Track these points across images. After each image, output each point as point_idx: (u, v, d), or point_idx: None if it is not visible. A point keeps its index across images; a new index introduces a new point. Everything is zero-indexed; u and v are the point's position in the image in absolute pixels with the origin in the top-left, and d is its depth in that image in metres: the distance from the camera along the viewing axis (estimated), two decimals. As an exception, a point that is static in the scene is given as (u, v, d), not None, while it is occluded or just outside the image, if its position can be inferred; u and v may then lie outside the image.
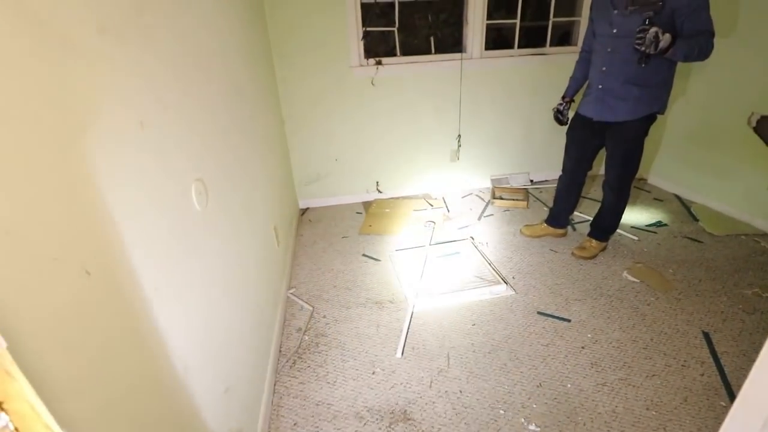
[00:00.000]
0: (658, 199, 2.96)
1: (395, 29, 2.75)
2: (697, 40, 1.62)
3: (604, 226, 2.24)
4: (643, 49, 1.62)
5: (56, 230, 0.52)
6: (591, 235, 2.29)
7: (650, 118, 1.90)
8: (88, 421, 0.54)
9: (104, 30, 0.67)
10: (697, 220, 2.60)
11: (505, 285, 2.04)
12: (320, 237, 2.68)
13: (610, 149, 2.04)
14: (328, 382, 1.56)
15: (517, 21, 2.86)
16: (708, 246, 2.32)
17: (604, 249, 2.30)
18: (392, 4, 2.68)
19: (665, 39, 1.58)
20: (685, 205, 2.83)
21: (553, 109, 2.27)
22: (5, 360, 0.30)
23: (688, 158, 2.89)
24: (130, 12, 0.77)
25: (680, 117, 2.92)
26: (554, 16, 2.90)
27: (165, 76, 0.89)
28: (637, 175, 2.13)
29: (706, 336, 1.68)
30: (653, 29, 1.58)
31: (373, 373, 1.59)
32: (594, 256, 2.26)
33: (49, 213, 0.51)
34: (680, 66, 1.85)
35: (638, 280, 2.04)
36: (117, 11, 0.72)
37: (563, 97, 2.26)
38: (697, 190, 2.86)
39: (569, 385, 1.50)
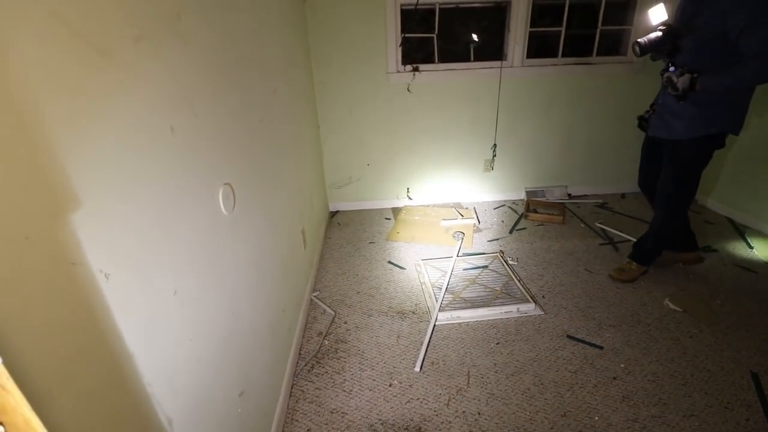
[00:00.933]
0: (708, 221, 2.76)
1: (434, 36, 2.72)
2: (747, 65, 1.49)
3: (647, 248, 2.09)
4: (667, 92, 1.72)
5: (74, 234, 0.53)
6: (631, 256, 2.15)
7: (711, 140, 1.74)
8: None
9: (140, 38, 0.69)
10: (751, 247, 2.40)
11: (533, 304, 1.96)
12: (347, 241, 2.69)
13: (665, 168, 1.91)
14: (345, 390, 1.55)
15: (563, 29, 2.76)
16: (763, 277, 2.13)
17: (644, 273, 2.16)
18: (433, 11, 2.66)
19: (681, 81, 1.63)
20: (738, 230, 2.62)
21: (639, 115, 2.10)
22: (1, 374, 0.30)
23: (746, 179, 2.67)
24: (168, 19, 0.79)
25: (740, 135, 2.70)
26: (603, 24, 2.77)
27: (198, 81, 0.91)
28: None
29: (755, 377, 1.53)
30: (665, 75, 1.69)
31: (390, 385, 1.57)
32: (632, 280, 2.12)
33: (67, 217, 0.53)
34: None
35: (681, 310, 1.90)
36: (154, 19, 0.74)
37: (651, 105, 2.10)
38: (753, 214, 2.63)
39: (597, 418, 1.41)
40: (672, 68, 1.69)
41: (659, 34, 1.68)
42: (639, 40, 1.71)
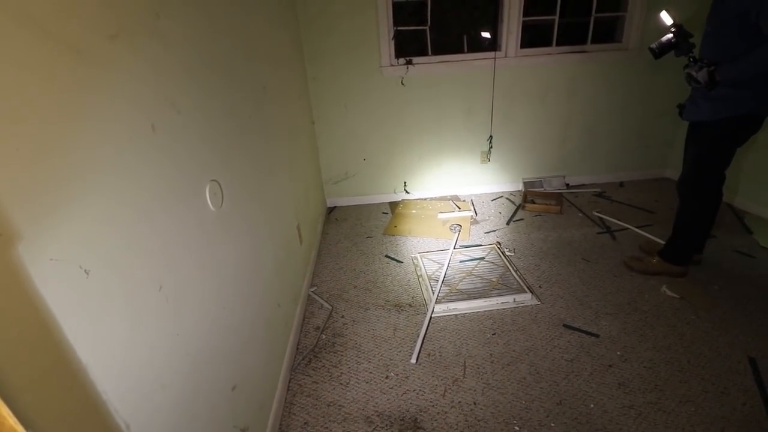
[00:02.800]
0: (707, 208, 2.74)
1: (427, 28, 2.71)
2: (761, 48, 1.46)
3: (669, 240, 2.03)
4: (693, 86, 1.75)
5: (51, 230, 0.54)
6: (658, 251, 2.08)
7: (739, 122, 1.68)
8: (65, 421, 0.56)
9: (116, 36, 0.69)
10: (750, 232, 2.38)
11: (530, 294, 1.96)
12: (345, 236, 2.70)
13: (689, 150, 1.88)
14: (341, 383, 1.56)
15: (556, 17, 2.73)
16: (761, 262, 2.12)
17: (661, 273, 2.03)
18: (424, 3, 2.64)
19: (700, 75, 1.65)
20: (737, 215, 2.60)
21: (679, 104, 2.06)
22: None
23: (744, 162, 2.65)
24: (145, 17, 0.79)
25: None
26: (597, 12, 2.75)
27: (180, 79, 0.92)
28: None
29: (752, 362, 1.53)
30: (685, 71, 1.73)
31: (387, 377, 1.58)
32: (646, 273, 2.06)
33: (49, 212, 0.53)
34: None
35: (678, 296, 1.90)
36: (130, 18, 0.74)
37: None
38: (752, 198, 2.62)
39: (592, 405, 1.41)
40: (691, 62, 1.70)
41: (670, 36, 1.78)
42: (651, 45, 1.85)
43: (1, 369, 0.44)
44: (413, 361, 1.63)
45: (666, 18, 1.87)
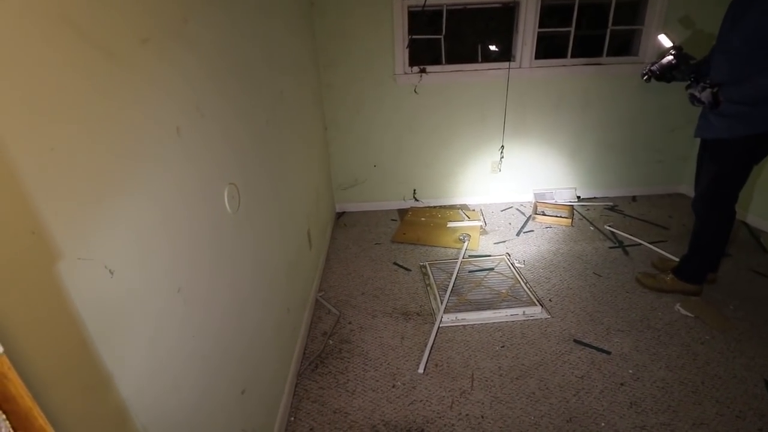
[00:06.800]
0: (721, 225, 2.70)
1: (441, 37, 2.72)
2: (765, 73, 1.46)
3: (683, 258, 1.99)
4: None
5: (81, 229, 0.54)
6: (672, 269, 2.04)
7: (758, 140, 1.63)
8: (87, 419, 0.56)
9: (147, 40, 0.70)
10: (766, 251, 2.34)
11: (540, 307, 1.94)
12: (353, 242, 2.70)
13: (704, 168, 1.83)
14: (348, 390, 1.55)
15: (572, 29, 2.73)
16: (778, 283, 2.08)
17: (675, 291, 1.99)
18: (440, 12, 2.65)
19: (704, 96, 1.64)
20: (753, 234, 2.56)
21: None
22: (3, 364, 0.31)
23: (759, 180, 2.61)
24: (175, 23, 0.80)
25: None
26: (613, 24, 2.74)
27: (205, 83, 0.93)
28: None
29: (769, 385, 1.50)
30: (688, 92, 1.72)
31: (394, 386, 1.56)
32: (659, 290, 2.02)
33: (79, 211, 0.54)
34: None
35: (692, 315, 1.86)
36: (161, 22, 0.75)
37: None
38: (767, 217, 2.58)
39: (603, 424, 1.38)
40: (693, 83, 1.69)
41: (671, 57, 1.83)
42: (652, 67, 1.92)
43: (32, 366, 0.44)
44: (420, 370, 1.62)
45: (665, 41, 1.87)
